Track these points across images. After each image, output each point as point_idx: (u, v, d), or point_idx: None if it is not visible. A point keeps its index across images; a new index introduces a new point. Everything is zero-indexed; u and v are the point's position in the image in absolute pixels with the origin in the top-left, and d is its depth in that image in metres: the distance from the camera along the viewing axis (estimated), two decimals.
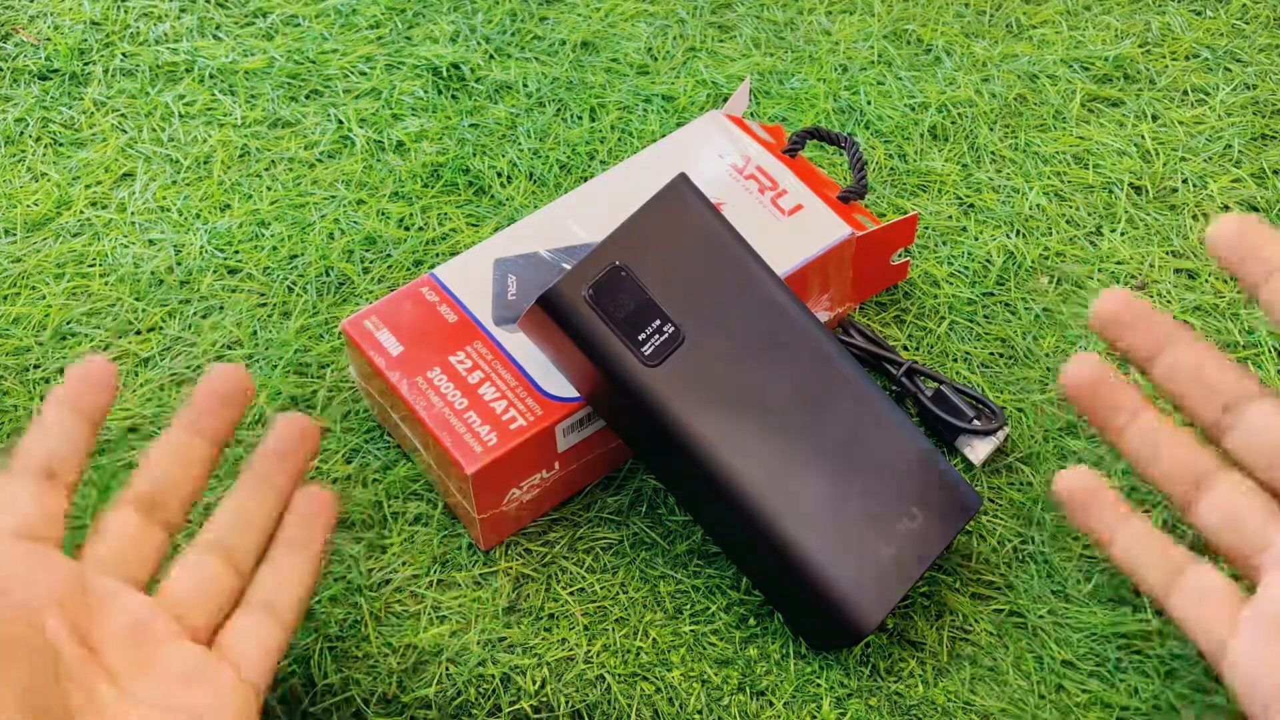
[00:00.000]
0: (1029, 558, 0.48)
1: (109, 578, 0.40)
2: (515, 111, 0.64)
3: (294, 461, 0.44)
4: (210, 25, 0.68)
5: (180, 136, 0.63)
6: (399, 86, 0.65)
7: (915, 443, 0.46)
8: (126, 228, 0.59)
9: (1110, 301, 0.40)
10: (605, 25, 0.68)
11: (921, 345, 0.55)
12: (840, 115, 0.64)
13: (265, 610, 0.41)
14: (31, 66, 0.66)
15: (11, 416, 0.52)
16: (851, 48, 0.67)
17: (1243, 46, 0.67)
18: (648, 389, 0.43)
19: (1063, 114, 0.64)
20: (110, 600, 0.39)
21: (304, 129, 0.63)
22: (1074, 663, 0.46)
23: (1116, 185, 0.61)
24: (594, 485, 0.50)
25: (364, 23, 0.68)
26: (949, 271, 0.57)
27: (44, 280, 0.57)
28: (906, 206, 0.60)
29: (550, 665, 0.45)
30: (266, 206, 0.60)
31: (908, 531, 0.44)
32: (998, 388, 0.53)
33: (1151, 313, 0.41)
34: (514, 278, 0.50)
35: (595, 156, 0.62)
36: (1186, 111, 0.64)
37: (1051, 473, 0.51)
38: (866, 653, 0.46)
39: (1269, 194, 0.60)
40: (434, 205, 0.60)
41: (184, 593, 0.41)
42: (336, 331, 0.55)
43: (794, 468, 0.44)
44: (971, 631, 0.47)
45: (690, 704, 0.45)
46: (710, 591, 0.47)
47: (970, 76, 0.66)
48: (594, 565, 0.48)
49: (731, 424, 0.44)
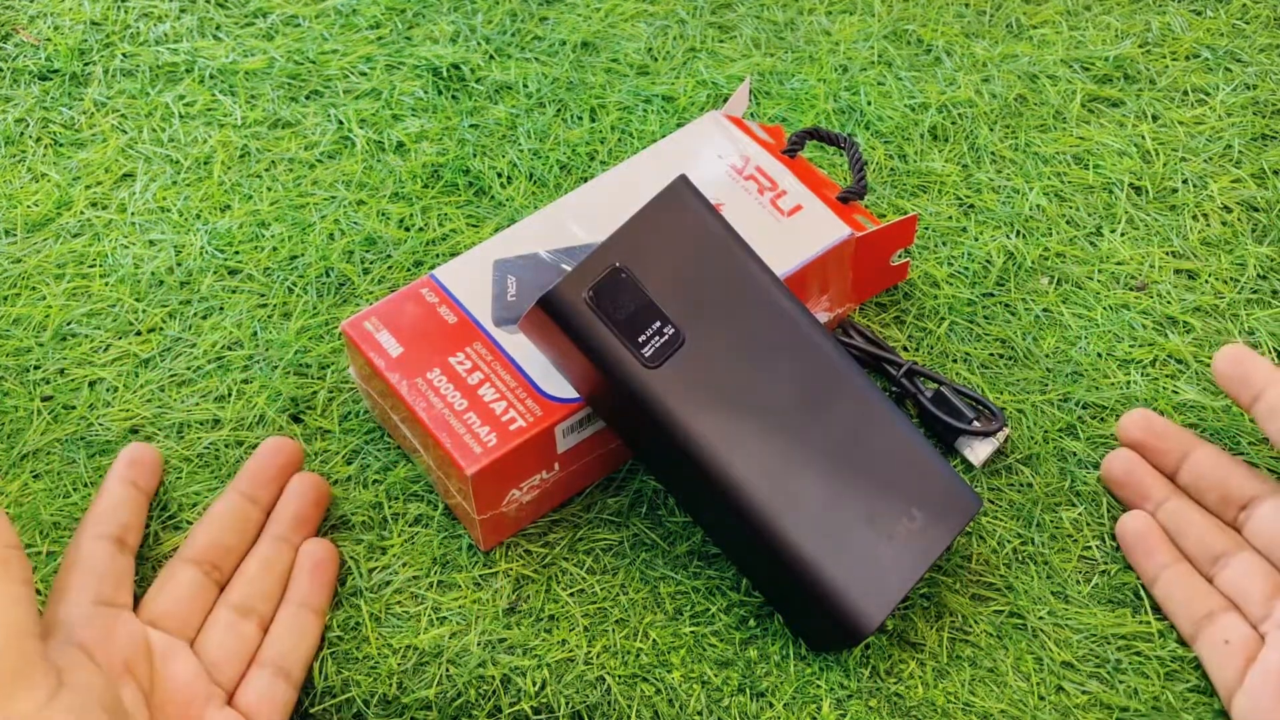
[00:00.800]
0: (1029, 559, 0.48)
1: (167, 635, 0.44)
2: (515, 112, 0.64)
3: (312, 523, 0.48)
4: (210, 25, 0.68)
5: (180, 137, 0.63)
6: (399, 87, 0.65)
7: (915, 444, 0.46)
8: (127, 228, 0.59)
9: (1132, 427, 0.49)
10: (605, 25, 0.68)
11: (921, 346, 0.55)
12: (840, 115, 0.64)
13: (278, 672, 0.44)
14: (31, 67, 0.66)
15: (11, 417, 0.52)
16: (851, 48, 0.67)
17: (1243, 46, 0.67)
18: (648, 390, 0.43)
19: (1063, 114, 0.64)
20: (169, 660, 0.43)
21: (304, 129, 0.63)
22: (1073, 664, 0.46)
23: (1116, 185, 0.61)
24: (594, 486, 0.50)
25: (364, 23, 0.68)
26: (949, 272, 0.57)
27: (44, 281, 0.57)
28: (906, 207, 0.60)
29: (550, 666, 0.45)
30: (266, 207, 0.60)
31: (908, 533, 0.44)
32: (997, 388, 0.53)
33: (1168, 429, 0.49)
34: (514, 279, 0.50)
35: (595, 157, 0.62)
36: (1186, 111, 0.64)
37: (1051, 473, 0.51)
38: (866, 654, 0.46)
39: (1269, 194, 0.60)
40: (434, 206, 0.60)
41: (218, 652, 0.44)
42: (337, 332, 0.55)
43: (794, 469, 0.44)
44: (971, 633, 0.47)
45: (690, 705, 0.45)
46: (710, 593, 0.47)
47: (970, 77, 0.65)
48: (594, 566, 0.48)
49: (731, 425, 0.44)
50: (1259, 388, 0.45)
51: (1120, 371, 0.54)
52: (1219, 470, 0.47)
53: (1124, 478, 0.49)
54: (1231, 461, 0.48)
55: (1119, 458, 0.49)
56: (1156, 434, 0.49)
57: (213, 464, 0.51)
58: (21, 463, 0.51)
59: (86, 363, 0.54)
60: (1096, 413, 0.52)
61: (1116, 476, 0.49)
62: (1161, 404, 0.52)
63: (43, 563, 0.48)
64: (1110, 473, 0.49)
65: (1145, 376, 0.53)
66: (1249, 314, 0.56)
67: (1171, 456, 0.48)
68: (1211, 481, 0.47)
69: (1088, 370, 0.54)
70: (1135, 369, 0.54)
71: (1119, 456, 0.49)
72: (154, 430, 0.52)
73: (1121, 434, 0.50)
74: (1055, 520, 0.49)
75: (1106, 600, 0.47)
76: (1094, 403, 0.53)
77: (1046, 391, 0.53)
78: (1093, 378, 0.53)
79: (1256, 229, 0.59)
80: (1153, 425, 0.49)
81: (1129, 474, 0.49)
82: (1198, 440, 0.49)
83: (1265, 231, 0.59)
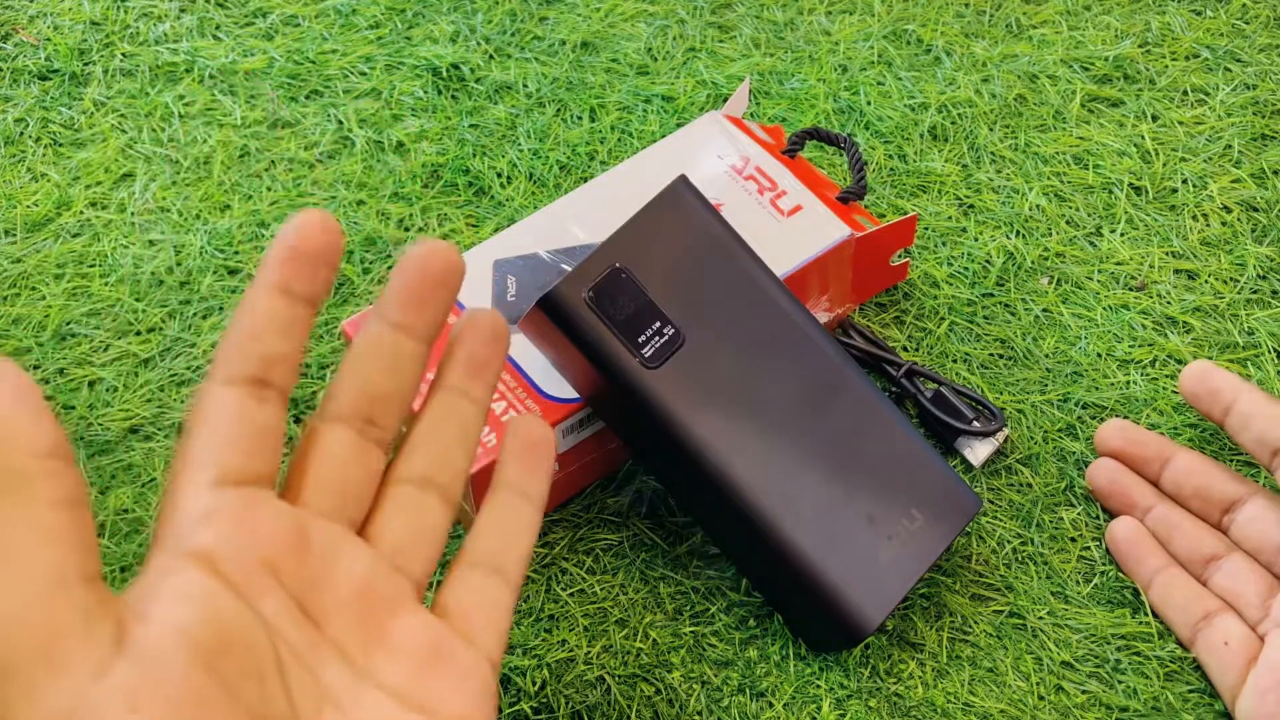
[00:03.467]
0: (1028, 559, 0.48)
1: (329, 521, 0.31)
2: (515, 112, 0.64)
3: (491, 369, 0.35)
4: (210, 25, 0.68)
5: (180, 137, 0.63)
6: (399, 87, 0.65)
7: (915, 444, 0.46)
8: (126, 228, 0.59)
9: (1110, 438, 0.49)
10: (605, 25, 0.68)
11: (921, 346, 0.55)
12: (840, 115, 0.64)
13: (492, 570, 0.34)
14: (31, 66, 0.66)
15: None
16: (851, 48, 0.67)
17: (1243, 46, 0.67)
18: (648, 391, 0.43)
19: (1063, 114, 0.64)
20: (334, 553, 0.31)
21: (304, 129, 0.63)
22: (1073, 664, 0.46)
23: (1116, 185, 0.61)
24: (594, 486, 0.50)
25: (364, 23, 0.68)
26: (949, 272, 0.57)
27: (44, 281, 0.57)
28: (906, 207, 0.60)
29: (550, 666, 0.45)
30: (266, 207, 0.60)
31: (907, 533, 0.44)
32: (997, 389, 0.53)
33: (1146, 436, 0.49)
34: (513, 279, 0.50)
35: (595, 157, 0.62)
36: (1186, 111, 0.64)
37: (1051, 473, 0.51)
38: (866, 654, 0.46)
39: (1269, 194, 0.60)
40: (434, 206, 0.60)
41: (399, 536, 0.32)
42: (337, 332, 0.55)
43: (794, 469, 0.44)
44: (971, 633, 0.47)
45: (690, 705, 0.45)
46: (710, 593, 0.47)
47: (970, 77, 0.65)
48: (594, 566, 0.48)
49: (731, 426, 0.44)
50: (1228, 401, 0.46)
51: (1120, 372, 0.54)
52: (1201, 474, 0.47)
53: (1109, 487, 0.49)
54: (1213, 465, 0.48)
55: (1102, 467, 0.49)
56: (1136, 442, 0.49)
57: None
58: None
59: (86, 363, 0.54)
60: (1096, 413, 0.52)
61: (1101, 486, 0.49)
62: (1161, 404, 0.52)
63: None
64: (1095, 483, 0.49)
65: (1145, 376, 0.53)
66: (1249, 314, 0.56)
67: (1152, 464, 0.49)
68: (1194, 486, 0.47)
69: (1087, 370, 0.54)
70: (1135, 369, 0.54)
71: (1102, 466, 0.49)
72: (154, 430, 0.52)
73: (1100, 445, 0.50)
74: (1055, 520, 0.49)
75: (1106, 600, 0.47)
76: (1094, 403, 0.53)
77: (1046, 392, 0.53)
78: (1092, 378, 0.53)
79: (1256, 229, 0.59)
80: (1130, 434, 0.49)
81: (1113, 483, 0.49)
82: (1177, 446, 0.49)
83: (1265, 231, 0.59)
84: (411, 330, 0.33)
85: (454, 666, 0.32)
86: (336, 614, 0.31)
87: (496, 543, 0.34)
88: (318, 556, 0.31)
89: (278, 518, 0.30)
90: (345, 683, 0.30)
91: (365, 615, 0.31)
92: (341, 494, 0.32)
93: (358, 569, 0.31)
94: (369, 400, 0.33)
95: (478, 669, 0.32)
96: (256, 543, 0.29)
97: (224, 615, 0.28)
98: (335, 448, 0.32)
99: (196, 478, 0.29)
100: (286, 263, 0.31)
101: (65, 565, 0.26)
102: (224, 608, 0.28)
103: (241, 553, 0.29)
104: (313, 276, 0.31)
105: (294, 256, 0.31)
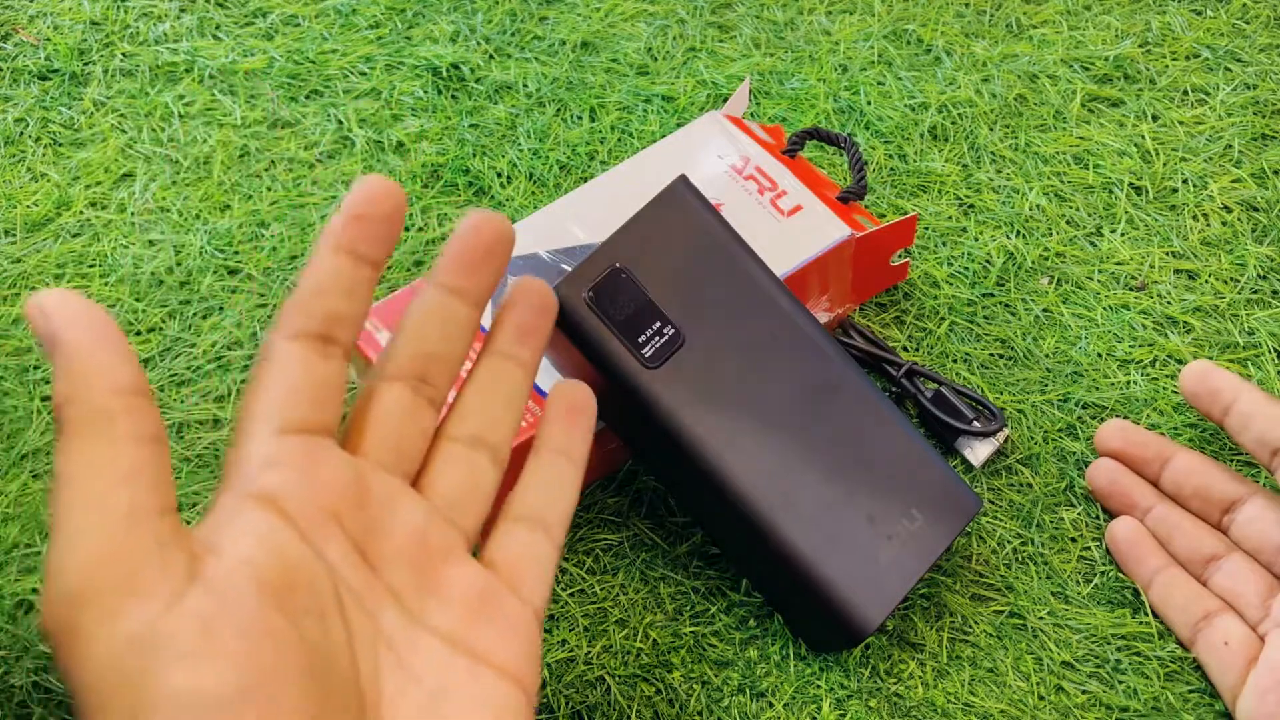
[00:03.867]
0: (1028, 559, 0.48)
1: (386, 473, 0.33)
2: (515, 112, 0.64)
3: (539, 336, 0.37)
4: (210, 25, 0.68)
5: (180, 137, 0.63)
6: (399, 87, 0.65)
7: (915, 444, 0.46)
8: (126, 228, 0.59)
9: (1110, 438, 0.49)
10: (605, 25, 0.68)
11: (921, 346, 0.55)
12: (840, 115, 0.64)
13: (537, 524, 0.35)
14: (31, 66, 0.66)
15: (11, 417, 0.52)
16: (851, 48, 0.67)
17: (1243, 46, 0.67)
18: (648, 391, 0.43)
19: (1063, 114, 0.64)
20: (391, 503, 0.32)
21: (304, 129, 0.63)
22: (1073, 664, 0.46)
23: (1116, 185, 0.61)
24: (594, 486, 0.50)
25: (364, 23, 0.68)
26: (949, 272, 0.57)
27: (44, 281, 0.57)
28: (906, 207, 0.60)
29: (550, 666, 0.45)
30: (266, 207, 0.60)
31: (907, 533, 0.44)
32: (997, 389, 0.53)
33: (1145, 437, 0.49)
34: (513, 279, 0.50)
35: (595, 157, 0.62)
36: (1186, 111, 0.64)
37: (1051, 473, 0.51)
38: (866, 654, 0.46)
39: (1269, 194, 0.60)
40: (434, 206, 0.60)
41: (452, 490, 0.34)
42: None
43: (794, 469, 0.44)
44: (971, 633, 0.47)
45: (690, 705, 0.45)
46: (710, 593, 0.47)
47: (970, 76, 0.65)
48: (594, 566, 0.48)
49: (731, 426, 0.44)
50: (1228, 401, 0.46)
51: (1120, 372, 0.54)
52: (1201, 474, 0.48)
53: (1109, 487, 0.49)
54: (1213, 465, 0.48)
55: (1102, 467, 0.49)
56: (1135, 442, 0.49)
57: (212, 464, 0.51)
58: (21, 462, 0.51)
59: None
60: (1096, 413, 0.52)
61: (1101, 486, 0.49)
62: (1161, 404, 0.52)
63: (42, 564, 0.48)
64: (1095, 483, 0.49)
65: (1145, 376, 0.53)
66: (1249, 314, 0.56)
67: (1152, 464, 0.49)
68: (1194, 486, 0.48)
69: (1088, 370, 0.54)
70: (1135, 369, 0.54)
71: (1102, 466, 0.49)
72: None
73: (1100, 445, 0.50)
74: (1055, 520, 0.49)
75: (1106, 600, 0.47)
76: (1094, 403, 0.53)
77: (1046, 392, 0.53)
78: (1093, 378, 0.53)
79: (1256, 229, 0.59)
80: (1130, 434, 0.49)
81: (1113, 483, 0.49)
82: (1177, 446, 0.49)
83: (1265, 231, 0.59)
84: (464, 295, 0.35)
85: (502, 615, 0.33)
86: (393, 561, 0.32)
87: (541, 499, 0.36)
88: (376, 505, 0.32)
89: (339, 467, 0.31)
90: (400, 626, 0.31)
91: (420, 563, 0.32)
92: (397, 448, 0.33)
93: (414, 519, 0.33)
94: (423, 360, 0.34)
95: (524, 619, 0.33)
96: (319, 489, 0.31)
97: (289, 554, 0.29)
98: (391, 404, 0.33)
99: (262, 426, 0.31)
100: (352, 223, 0.32)
101: (144, 500, 0.27)
102: (289, 547, 0.29)
103: (305, 497, 0.30)
104: (377, 238, 0.32)
105: (360, 218, 0.32)
